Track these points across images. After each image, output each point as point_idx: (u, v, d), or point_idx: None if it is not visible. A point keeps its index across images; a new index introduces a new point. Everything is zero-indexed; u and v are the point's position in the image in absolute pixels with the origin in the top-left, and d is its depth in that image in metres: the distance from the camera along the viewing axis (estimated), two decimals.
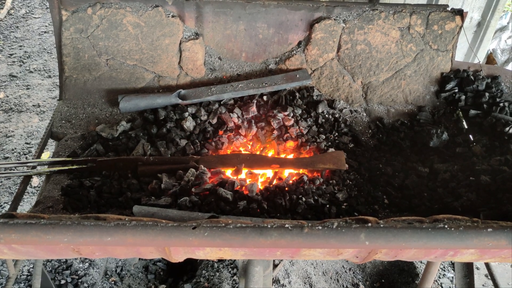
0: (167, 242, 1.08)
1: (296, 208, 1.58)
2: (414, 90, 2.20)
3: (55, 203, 1.59)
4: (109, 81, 2.09)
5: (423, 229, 1.07)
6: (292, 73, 2.15)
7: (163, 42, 2.08)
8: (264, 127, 2.00)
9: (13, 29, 5.40)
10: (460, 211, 1.59)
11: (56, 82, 4.45)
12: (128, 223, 1.06)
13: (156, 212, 1.45)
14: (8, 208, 1.57)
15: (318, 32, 2.11)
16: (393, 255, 1.25)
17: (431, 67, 2.18)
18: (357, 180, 1.78)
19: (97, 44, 2.04)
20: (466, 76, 2.16)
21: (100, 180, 1.70)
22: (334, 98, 2.19)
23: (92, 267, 2.60)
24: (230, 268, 2.61)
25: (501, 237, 1.06)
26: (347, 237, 1.06)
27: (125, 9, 2.01)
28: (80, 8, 1.99)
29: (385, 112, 2.19)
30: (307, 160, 1.82)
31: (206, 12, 2.07)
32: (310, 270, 2.73)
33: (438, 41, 2.15)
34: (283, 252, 1.21)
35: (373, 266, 2.83)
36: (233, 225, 1.06)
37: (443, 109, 2.14)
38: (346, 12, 2.11)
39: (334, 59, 2.18)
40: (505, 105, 2.02)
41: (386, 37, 2.13)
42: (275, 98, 2.13)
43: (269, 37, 2.16)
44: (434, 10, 2.11)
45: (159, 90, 2.14)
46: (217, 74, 2.19)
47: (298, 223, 1.08)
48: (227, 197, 1.56)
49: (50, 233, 1.04)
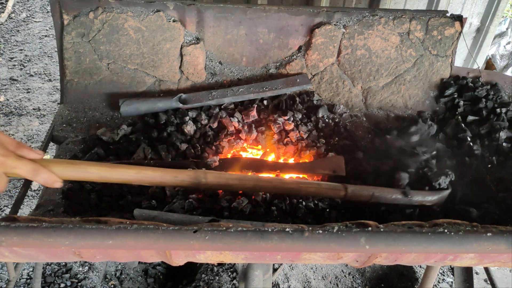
0: (168, 246, 1.08)
1: (296, 212, 1.59)
2: (414, 95, 2.21)
3: (55, 206, 1.60)
4: (110, 85, 2.10)
5: (423, 233, 1.07)
6: (292, 78, 2.16)
7: (164, 47, 2.09)
8: (265, 131, 2.01)
9: (14, 32, 5.42)
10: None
11: (56, 86, 4.47)
12: (129, 227, 1.07)
13: (157, 216, 1.45)
14: (9, 211, 1.58)
15: (319, 37, 2.13)
16: (393, 259, 1.26)
17: (431, 72, 2.20)
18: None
19: (98, 48, 2.05)
20: (465, 83, 2.17)
21: (101, 183, 1.70)
22: (334, 103, 2.20)
23: (92, 271, 2.60)
24: (230, 272, 2.61)
25: (500, 241, 1.07)
26: (348, 241, 1.07)
27: (127, 14, 2.02)
28: (82, 13, 2.00)
29: (384, 117, 2.20)
30: (307, 165, 1.83)
31: (207, 17, 2.09)
32: (310, 274, 2.73)
33: (438, 47, 2.16)
34: (284, 256, 1.22)
35: (373, 271, 2.83)
36: (234, 229, 1.07)
37: (442, 114, 2.15)
38: (346, 17, 2.13)
39: (334, 64, 2.20)
40: (502, 111, 2.04)
41: (386, 42, 2.15)
42: (275, 102, 2.15)
43: (269, 42, 2.17)
44: (434, 16, 2.13)
45: (160, 94, 2.16)
46: (217, 78, 2.21)
47: (298, 227, 1.09)
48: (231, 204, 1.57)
49: (51, 236, 1.04)
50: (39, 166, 1.20)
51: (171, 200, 1.60)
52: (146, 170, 1.39)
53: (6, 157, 1.14)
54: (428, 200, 1.61)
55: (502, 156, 1.89)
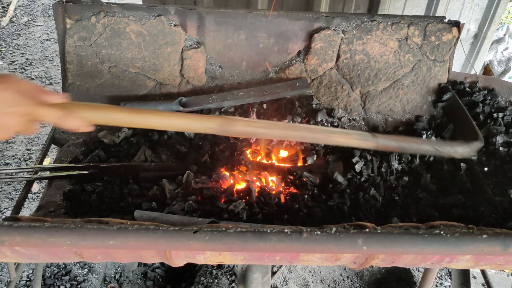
0: (168, 246, 1.10)
1: (295, 215, 1.60)
2: (412, 100, 2.24)
3: (57, 207, 1.61)
4: (112, 88, 2.12)
5: (420, 235, 1.09)
6: (291, 82, 2.18)
7: (165, 51, 2.11)
8: None
9: (15, 36, 5.45)
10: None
11: (57, 89, 4.49)
12: (130, 227, 1.09)
13: (157, 217, 1.47)
14: (10, 213, 1.59)
15: (318, 42, 2.15)
16: (390, 261, 1.27)
17: (429, 77, 2.22)
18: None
19: (100, 51, 2.07)
20: (463, 89, 2.20)
21: (102, 185, 1.72)
22: (333, 107, 2.23)
23: (91, 273, 2.60)
24: (229, 275, 2.62)
25: (495, 243, 1.09)
26: (345, 242, 1.08)
27: (128, 18, 2.05)
28: (84, 17, 2.03)
29: (383, 121, 2.22)
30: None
31: (207, 22, 2.11)
32: (308, 277, 2.74)
33: (435, 52, 2.19)
34: (282, 257, 1.23)
35: (371, 274, 2.84)
36: (234, 230, 1.09)
37: (440, 119, 2.18)
38: (345, 22, 2.16)
39: (333, 68, 2.22)
40: (498, 115, 2.06)
41: (384, 47, 2.17)
42: (274, 106, 2.17)
43: (269, 47, 2.20)
44: (432, 22, 2.15)
45: (160, 97, 2.18)
46: (218, 82, 2.23)
47: (297, 228, 1.11)
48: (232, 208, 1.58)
49: (53, 235, 1.06)
50: (68, 112, 1.17)
51: (171, 202, 1.61)
52: (173, 117, 1.36)
53: (35, 106, 1.11)
54: (459, 152, 1.56)
55: (498, 160, 1.91)
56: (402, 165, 1.91)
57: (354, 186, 1.78)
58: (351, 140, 1.51)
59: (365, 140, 1.51)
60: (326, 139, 1.51)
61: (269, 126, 1.49)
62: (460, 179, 1.83)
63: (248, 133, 1.48)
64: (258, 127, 1.47)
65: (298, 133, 1.50)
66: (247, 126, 1.45)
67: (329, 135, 1.50)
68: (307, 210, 1.63)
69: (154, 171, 1.76)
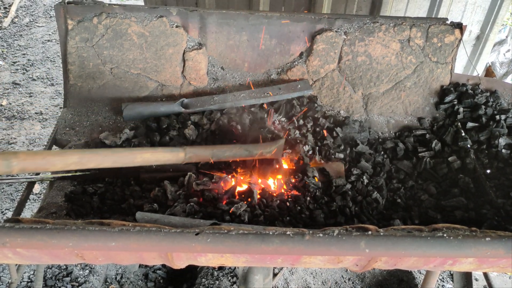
0: (170, 248, 1.09)
1: (297, 217, 1.60)
2: (414, 102, 2.23)
3: (58, 209, 1.61)
4: (113, 90, 2.12)
5: (422, 238, 1.08)
6: (293, 84, 2.18)
7: (167, 52, 2.11)
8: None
9: (17, 37, 5.45)
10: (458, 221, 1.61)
11: (58, 90, 4.49)
12: (132, 229, 1.08)
13: (159, 219, 1.47)
14: (12, 214, 1.59)
15: (320, 43, 2.15)
16: (392, 264, 1.26)
17: (431, 79, 2.21)
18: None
19: (102, 53, 2.07)
20: (465, 90, 2.19)
21: (103, 186, 1.72)
22: (335, 108, 2.22)
23: (92, 274, 2.60)
24: (230, 276, 2.61)
25: (499, 246, 1.08)
26: (348, 245, 1.08)
27: (130, 19, 2.04)
28: (86, 18, 2.02)
29: (385, 123, 2.21)
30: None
31: (209, 23, 2.11)
32: (310, 279, 2.73)
33: (438, 54, 2.18)
34: (284, 259, 1.23)
35: (372, 276, 2.83)
36: (236, 232, 1.08)
37: (442, 121, 2.17)
38: (347, 24, 2.15)
39: (335, 70, 2.22)
40: (501, 117, 2.05)
41: (387, 49, 2.17)
42: (275, 107, 2.16)
43: (271, 48, 2.19)
44: (434, 23, 2.15)
45: (162, 99, 2.17)
46: (219, 83, 2.22)
47: (299, 231, 1.10)
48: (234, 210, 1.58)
49: (55, 237, 1.06)
50: None
51: (173, 203, 1.61)
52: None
53: None
54: (266, 150, 1.76)
55: (501, 163, 1.90)
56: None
57: (356, 189, 1.78)
58: (158, 154, 1.62)
59: (173, 152, 1.64)
60: (133, 159, 1.59)
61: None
62: (462, 181, 1.83)
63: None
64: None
65: (108, 158, 1.55)
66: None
67: (134, 153, 1.59)
68: (309, 212, 1.63)
69: (155, 172, 1.76)
